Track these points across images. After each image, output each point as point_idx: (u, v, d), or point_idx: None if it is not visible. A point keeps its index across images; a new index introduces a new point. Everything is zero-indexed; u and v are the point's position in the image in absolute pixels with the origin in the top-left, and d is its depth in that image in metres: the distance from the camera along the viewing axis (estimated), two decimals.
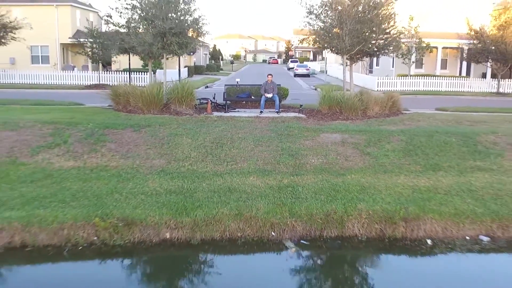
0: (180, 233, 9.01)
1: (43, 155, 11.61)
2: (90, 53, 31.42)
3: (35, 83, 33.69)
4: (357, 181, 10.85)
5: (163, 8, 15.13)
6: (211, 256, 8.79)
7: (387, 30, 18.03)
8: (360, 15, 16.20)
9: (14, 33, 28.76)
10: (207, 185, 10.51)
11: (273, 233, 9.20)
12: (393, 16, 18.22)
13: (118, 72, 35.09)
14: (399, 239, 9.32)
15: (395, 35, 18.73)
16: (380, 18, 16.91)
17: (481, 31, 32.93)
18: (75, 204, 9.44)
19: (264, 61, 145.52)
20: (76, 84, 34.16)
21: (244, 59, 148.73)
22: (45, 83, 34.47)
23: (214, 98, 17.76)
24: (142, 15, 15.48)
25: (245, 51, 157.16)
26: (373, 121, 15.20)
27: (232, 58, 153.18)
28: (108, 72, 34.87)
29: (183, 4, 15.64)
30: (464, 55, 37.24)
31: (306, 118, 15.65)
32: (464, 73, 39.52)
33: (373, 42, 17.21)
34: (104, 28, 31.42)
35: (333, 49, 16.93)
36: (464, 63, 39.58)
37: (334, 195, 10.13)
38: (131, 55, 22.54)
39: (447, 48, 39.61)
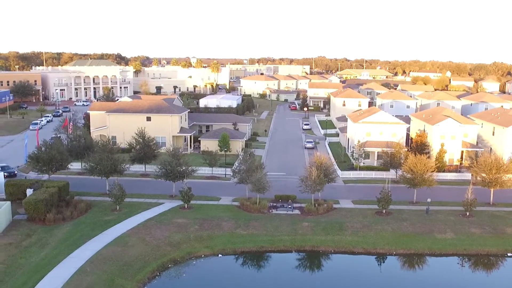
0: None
1: (237, 230, 50.29)
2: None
3: None
4: (309, 237, 49.03)
5: (254, 173, 53.59)
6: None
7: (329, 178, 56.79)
8: (317, 181, 54.33)
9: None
10: (278, 232, 48.82)
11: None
12: (334, 175, 57.12)
13: (218, 168, 72.88)
14: (311, 247, 47.54)
15: (335, 176, 57.59)
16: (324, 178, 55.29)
17: (387, 150, 71.07)
18: (249, 240, 47.96)
19: (286, 100, 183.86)
20: (199, 174, 71.40)
21: (269, 97, 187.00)
22: None
23: (273, 205, 56.15)
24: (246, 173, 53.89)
25: (270, 91, 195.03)
26: (319, 216, 53.56)
27: (259, 96, 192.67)
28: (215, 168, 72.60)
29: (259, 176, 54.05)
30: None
31: (300, 214, 54.22)
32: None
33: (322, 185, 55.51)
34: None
35: (307, 192, 55.31)
36: None
37: (302, 237, 48.40)
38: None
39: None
